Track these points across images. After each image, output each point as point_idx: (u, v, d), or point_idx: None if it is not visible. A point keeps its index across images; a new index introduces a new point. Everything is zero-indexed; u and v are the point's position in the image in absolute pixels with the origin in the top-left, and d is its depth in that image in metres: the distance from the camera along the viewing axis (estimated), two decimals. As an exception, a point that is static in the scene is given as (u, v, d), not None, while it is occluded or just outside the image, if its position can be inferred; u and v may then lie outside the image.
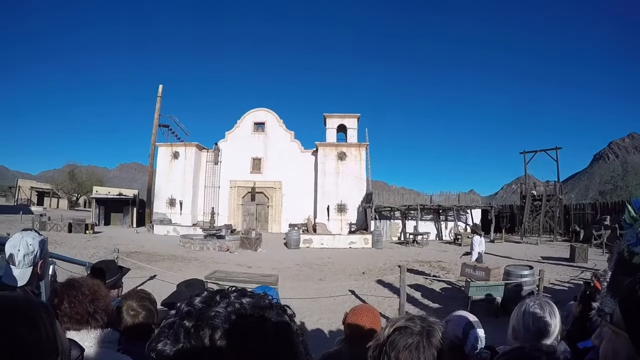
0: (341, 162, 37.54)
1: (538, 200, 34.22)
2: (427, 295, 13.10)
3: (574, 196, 52.81)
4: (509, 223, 37.36)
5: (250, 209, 39.82)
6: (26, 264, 2.31)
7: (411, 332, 1.79)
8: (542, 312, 2.34)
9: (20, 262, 2.30)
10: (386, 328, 1.86)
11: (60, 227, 29.96)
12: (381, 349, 1.80)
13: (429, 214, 34.91)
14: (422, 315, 1.96)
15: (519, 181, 61.86)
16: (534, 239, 30.45)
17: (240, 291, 0.81)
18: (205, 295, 0.80)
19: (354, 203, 36.77)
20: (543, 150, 36.80)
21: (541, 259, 20.19)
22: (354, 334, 2.89)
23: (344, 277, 16.34)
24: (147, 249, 22.42)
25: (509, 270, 11.46)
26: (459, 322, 2.59)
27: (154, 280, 13.79)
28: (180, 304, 0.79)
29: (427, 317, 1.92)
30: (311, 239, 28.27)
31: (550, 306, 2.42)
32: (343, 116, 39.46)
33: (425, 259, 21.04)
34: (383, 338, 1.83)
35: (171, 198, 38.79)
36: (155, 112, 40.16)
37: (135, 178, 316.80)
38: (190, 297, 0.80)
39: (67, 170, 71.54)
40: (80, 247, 21.96)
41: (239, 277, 11.54)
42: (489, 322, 8.81)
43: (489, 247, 24.99)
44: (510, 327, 2.46)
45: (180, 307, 0.78)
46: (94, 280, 2.15)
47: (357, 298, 12.84)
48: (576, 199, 52.16)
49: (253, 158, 40.05)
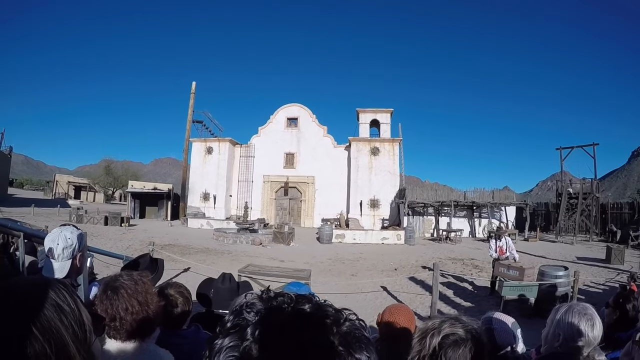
0: (374, 157, 37.31)
1: (574, 198, 33.19)
2: (460, 294, 12.99)
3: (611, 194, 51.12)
4: (544, 221, 36.50)
5: (283, 203, 40.06)
6: (65, 257, 2.37)
7: (462, 339, 1.79)
8: (593, 321, 2.27)
9: (59, 255, 2.35)
10: (430, 336, 1.83)
11: (96, 220, 30.63)
12: (433, 358, 1.78)
13: (463, 211, 34.49)
14: (456, 315, 1.96)
15: (554, 178, 60.71)
16: (569, 238, 29.64)
17: (299, 297, 0.79)
18: (267, 297, 0.79)
19: (387, 198, 36.56)
20: (580, 146, 35.43)
21: (576, 259, 19.69)
22: (390, 334, 2.89)
23: (376, 273, 16.30)
24: (181, 242, 22.73)
25: (543, 270, 11.19)
26: (506, 329, 2.58)
27: (187, 272, 14.01)
28: (244, 303, 0.78)
29: (461, 317, 1.92)
30: (343, 234, 28.21)
31: (597, 315, 2.34)
32: (376, 111, 39.18)
33: (458, 256, 20.83)
34: (433, 347, 1.80)
35: (205, 192, 39.35)
36: (189, 108, 40.71)
37: (170, 173, 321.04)
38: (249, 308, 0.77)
39: (103, 165, 72.65)
40: (116, 239, 22.42)
41: (272, 271, 11.58)
42: (521, 323, 8.68)
43: (523, 246, 24.63)
44: (551, 330, 2.37)
45: (245, 305, 0.77)
46: (144, 285, 2.08)
47: (389, 294, 12.82)
48: (613, 197, 50.55)
49: (286, 153, 40.27)
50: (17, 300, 0.92)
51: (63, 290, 1.00)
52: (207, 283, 3.84)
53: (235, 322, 0.75)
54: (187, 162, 40.61)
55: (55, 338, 0.90)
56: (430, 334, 1.84)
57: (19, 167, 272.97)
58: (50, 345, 0.88)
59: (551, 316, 2.42)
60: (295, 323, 0.72)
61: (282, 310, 0.75)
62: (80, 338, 0.96)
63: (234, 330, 0.73)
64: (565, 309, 2.35)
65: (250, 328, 0.71)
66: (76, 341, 0.94)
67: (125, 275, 2.12)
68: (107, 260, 9.95)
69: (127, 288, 2.00)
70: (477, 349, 1.77)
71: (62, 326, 0.92)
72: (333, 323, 0.73)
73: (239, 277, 9.88)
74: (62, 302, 0.95)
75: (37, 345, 0.86)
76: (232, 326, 0.74)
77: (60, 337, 0.91)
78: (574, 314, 2.28)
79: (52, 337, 0.89)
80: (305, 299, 0.79)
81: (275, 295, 0.80)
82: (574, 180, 36.52)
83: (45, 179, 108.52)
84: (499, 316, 2.66)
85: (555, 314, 2.37)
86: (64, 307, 0.95)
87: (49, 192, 70.58)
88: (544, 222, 36.43)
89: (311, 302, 0.78)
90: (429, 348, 1.80)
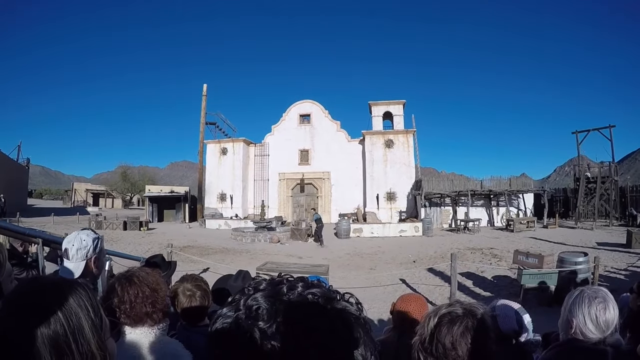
0: (389, 149, 37.16)
1: (592, 182, 32.49)
2: (479, 284, 12.95)
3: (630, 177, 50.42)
4: (562, 207, 35.81)
5: (300, 200, 40.16)
6: (79, 258, 2.44)
7: (457, 316, 1.79)
8: (605, 304, 2.21)
9: (73, 256, 2.42)
10: (429, 319, 1.84)
11: (115, 226, 30.89)
12: (431, 339, 1.78)
13: (480, 200, 34.20)
14: (456, 300, 1.96)
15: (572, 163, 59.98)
16: (588, 223, 29.06)
17: (305, 281, 0.84)
18: (270, 285, 0.82)
19: (404, 191, 36.45)
20: (596, 129, 34.66)
21: (596, 244, 19.36)
22: (402, 322, 2.91)
23: (394, 266, 16.31)
24: (199, 243, 22.92)
25: (562, 257, 11.05)
26: (509, 315, 2.57)
27: (207, 272, 14.14)
28: (246, 291, 0.82)
29: (461, 301, 1.92)
30: (361, 228, 28.23)
31: (610, 297, 2.27)
32: (388, 103, 38.94)
33: (477, 246, 20.70)
34: (430, 328, 1.80)
35: (222, 193, 39.60)
36: (201, 110, 40.84)
37: (186, 175, 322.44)
38: (254, 286, 0.83)
39: (119, 171, 73.19)
40: (135, 243, 22.69)
41: (290, 268, 11.65)
42: (542, 311, 8.74)
43: (542, 233, 24.46)
44: (564, 317, 2.32)
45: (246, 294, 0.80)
46: (155, 276, 2.22)
47: (408, 287, 12.84)
48: (632, 180, 49.67)
49: (300, 150, 40.33)
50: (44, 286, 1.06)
51: (84, 284, 1.12)
52: (223, 281, 3.87)
53: (235, 297, 0.82)
54: (202, 164, 40.83)
55: (74, 320, 1.01)
56: (429, 316, 1.86)
57: (37, 178, 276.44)
58: (69, 325, 0.99)
59: (564, 303, 2.38)
60: (281, 296, 0.78)
61: (276, 284, 0.82)
62: (97, 325, 1.06)
63: (233, 303, 0.80)
64: (576, 294, 2.31)
65: (243, 299, 0.78)
66: (92, 327, 1.05)
67: (137, 268, 2.29)
68: (126, 263, 10.03)
69: (139, 276, 2.15)
70: (478, 327, 1.76)
71: (81, 311, 1.04)
72: (321, 299, 0.78)
73: (257, 274, 9.95)
74: (82, 292, 1.07)
75: (57, 323, 0.98)
76: (232, 300, 0.82)
77: (78, 320, 1.02)
78: (585, 298, 2.25)
79: (71, 319, 1.00)
80: (303, 280, 0.84)
81: (279, 277, 0.86)
82: (591, 164, 35.89)
83: (64, 188, 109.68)
84: (502, 302, 2.65)
85: (568, 300, 2.34)
86: (84, 295, 1.07)
87: (68, 200, 71.42)
88: (563, 208, 35.78)
89: (306, 281, 0.84)
90: (427, 330, 1.81)
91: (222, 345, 0.75)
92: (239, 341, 0.73)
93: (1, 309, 1.04)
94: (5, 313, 1.00)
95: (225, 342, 0.75)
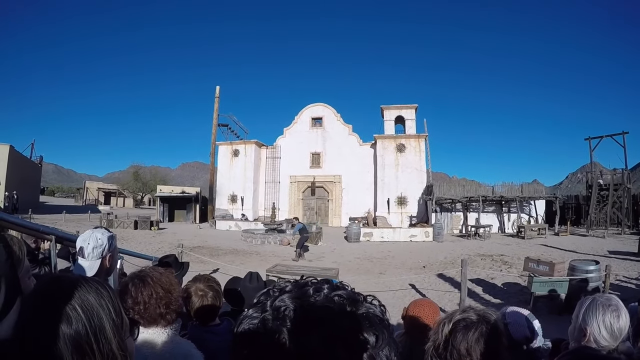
0: (400, 154, 37.12)
1: (605, 189, 32.27)
2: (489, 290, 12.89)
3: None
4: (574, 215, 35.36)
5: (311, 203, 40.23)
6: (95, 257, 2.45)
7: (472, 322, 1.81)
8: (618, 312, 2.20)
9: (89, 254, 2.44)
10: (442, 325, 1.87)
11: (126, 225, 31.12)
12: (446, 345, 1.80)
13: (491, 206, 33.94)
14: (469, 305, 1.97)
15: (584, 169, 59.36)
16: (600, 231, 28.78)
17: (330, 283, 0.84)
18: (295, 286, 0.83)
19: (414, 195, 36.38)
20: (609, 135, 34.51)
21: (608, 253, 19.21)
22: (414, 327, 2.90)
23: (404, 271, 16.26)
24: (210, 244, 23.02)
25: (573, 265, 10.97)
26: (520, 322, 2.56)
27: (216, 273, 14.15)
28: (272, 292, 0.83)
29: (474, 306, 1.93)
30: (371, 233, 28.14)
31: (622, 305, 2.26)
32: (400, 107, 38.95)
33: (487, 252, 20.59)
34: (445, 334, 1.83)
35: (232, 194, 39.83)
36: (214, 112, 41.16)
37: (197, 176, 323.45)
38: (280, 287, 0.84)
39: (131, 171, 73.49)
40: (146, 242, 22.83)
41: (300, 271, 11.62)
42: (551, 320, 8.67)
43: (554, 240, 24.29)
44: (577, 325, 2.28)
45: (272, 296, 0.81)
46: (168, 276, 2.22)
47: (417, 292, 12.80)
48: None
49: (312, 153, 40.42)
50: (65, 285, 1.06)
51: (105, 284, 1.13)
52: (233, 282, 3.89)
53: (260, 298, 0.83)
54: (214, 166, 41.15)
55: (95, 320, 1.02)
56: (442, 322, 1.88)
57: (49, 176, 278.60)
58: (91, 325, 1.01)
59: (576, 311, 2.35)
60: (308, 297, 0.79)
61: (302, 286, 0.83)
62: (117, 325, 1.08)
63: (259, 304, 0.81)
64: (589, 302, 2.28)
65: (270, 301, 0.79)
66: (113, 327, 1.06)
67: (150, 268, 2.27)
68: (136, 262, 10.10)
69: (153, 277, 2.14)
70: (492, 333, 1.78)
71: (102, 311, 1.05)
72: (347, 301, 0.79)
73: (266, 276, 9.99)
74: (103, 291, 1.09)
75: (79, 323, 0.99)
76: (258, 301, 0.82)
77: (100, 320, 1.03)
78: (598, 306, 2.22)
79: (93, 319, 1.02)
80: (328, 282, 0.85)
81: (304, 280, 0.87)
82: (604, 171, 35.69)
83: (76, 186, 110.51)
84: (512, 309, 2.65)
85: (580, 308, 2.30)
86: (105, 295, 1.08)
87: (80, 198, 72.11)
88: (575, 215, 35.35)
89: (331, 283, 0.85)
90: (441, 336, 1.84)
91: (249, 346, 0.76)
92: (266, 342, 0.74)
93: (22, 308, 1.06)
94: (27, 313, 1.01)
95: (252, 342, 0.76)
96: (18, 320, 1.05)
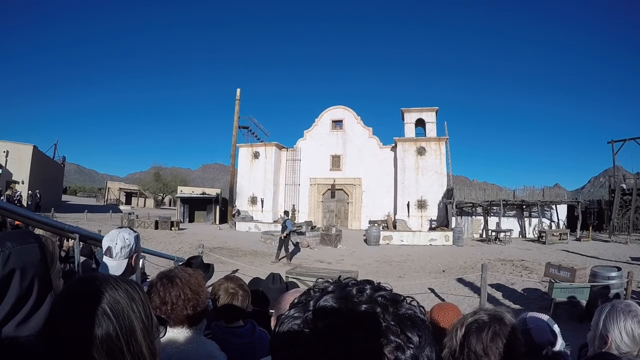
0: (420, 157, 36.75)
1: (628, 194, 31.37)
2: (509, 296, 12.82)
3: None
4: (596, 220, 34.50)
5: (330, 205, 40.13)
6: (122, 256, 2.50)
7: (484, 322, 1.83)
8: (638, 317, 2.16)
9: (117, 254, 2.48)
10: (456, 330, 1.88)
11: (147, 224, 31.41)
12: (462, 349, 1.81)
13: (512, 210, 33.45)
14: (479, 307, 1.98)
15: (607, 173, 58.49)
16: (622, 237, 28.16)
17: (372, 283, 0.84)
18: (338, 287, 0.83)
19: (435, 199, 36.02)
20: (633, 138, 33.81)
21: (630, 259, 18.81)
22: (436, 332, 2.89)
23: (423, 275, 16.23)
24: (229, 245, 23.20)
25: (595, 271, 10.83)
26: (542, 327, 2.54)
27: (236, 274, 14.14)
28: (312, 293, 0.83)
29: (484, 307, 1.94)
30: (391, 236, 28.09)
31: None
32: (421, 110, 38.66)
33: (508, 257, 20.41)
34: (459, 339, 1.84)
35: (252, 196, 39.94)
36: (234, 114, 41.39)
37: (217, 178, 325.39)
38: (321, 288, 0.84)
39: (152, 172, 74.15)
40: (166, 242, 23.08)
41: (320, 273, 11.65)
42: (572, 327, 8.57)
43: (575, 245, 23.98)
44: (598, 332, 2.27)
45: (313, 296, 0.82)
46: (197, 278, 2.21)
47: (437, 296, 12.78)
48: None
49: (332, 155, 40.33)
50: (97, 287, 1.07)
51: (135, 285, 1.15)
52: (253, 283, 3.91)
53: (301, 298, 0.84)
54: (234, 167, 41.32)
55: (126, 323, 1.04)
56: (455, 328, 1.90)
57: (72, 176, 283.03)
58: (122, 327, 1.03)
59: (595, 318, 2.33)
60: (352, 298, 0.79)
61: (344, 287, 0.83)
62: (148, 327, 1.10)
63: (300, 305, 0.82)
64: (608, 308, 2.26)
65: (313, 301, 0.80)
66: (144, 330, 1.08)
67: (179, 268, 2.27)
68: (157, 262, 10.23)
69: (182, 278, 2.14)
70: (505, 330, 1.80)
71: (133, 314, 1.07)
72: (389, 302, 0.79)
73: (286, 278, 10.02)
74: (134, 294, 1.11)
75: (110, 326, 1.01)
76: (299, 302, 0.83)
77: (130, 323, 1.05)
78: (619, 312, 2.20)
79: (124, 321, 1.04)
80: (370, 282, 0.85)
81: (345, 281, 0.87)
82: (627, 175, 34.87)
83: (98, 186, 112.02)
84: (532, 315, 2.63)
85: (600, 315, 2.28)
86: (136, 298, 1.10)
87: (101, 198, 73.05)
88: (597, 220, 34.51)
89: (372, 284, 0.85)
90: (456, 341, 1.85)
91: (293, 346, 0.77)
92: (312, 342, 0.74)
93: (54, 308, 1.09)
94: (58, 312, 1.04)
95: (296, 342, 0.76)
96: (48, 318, 1.09)
